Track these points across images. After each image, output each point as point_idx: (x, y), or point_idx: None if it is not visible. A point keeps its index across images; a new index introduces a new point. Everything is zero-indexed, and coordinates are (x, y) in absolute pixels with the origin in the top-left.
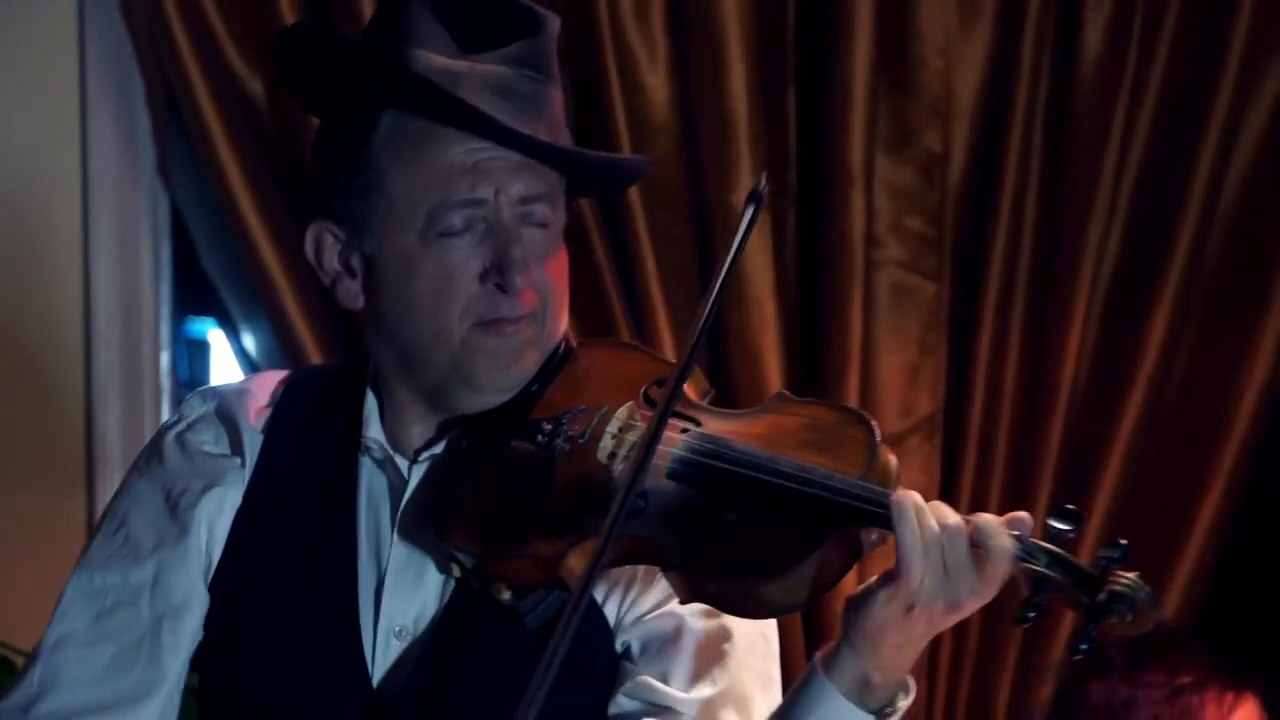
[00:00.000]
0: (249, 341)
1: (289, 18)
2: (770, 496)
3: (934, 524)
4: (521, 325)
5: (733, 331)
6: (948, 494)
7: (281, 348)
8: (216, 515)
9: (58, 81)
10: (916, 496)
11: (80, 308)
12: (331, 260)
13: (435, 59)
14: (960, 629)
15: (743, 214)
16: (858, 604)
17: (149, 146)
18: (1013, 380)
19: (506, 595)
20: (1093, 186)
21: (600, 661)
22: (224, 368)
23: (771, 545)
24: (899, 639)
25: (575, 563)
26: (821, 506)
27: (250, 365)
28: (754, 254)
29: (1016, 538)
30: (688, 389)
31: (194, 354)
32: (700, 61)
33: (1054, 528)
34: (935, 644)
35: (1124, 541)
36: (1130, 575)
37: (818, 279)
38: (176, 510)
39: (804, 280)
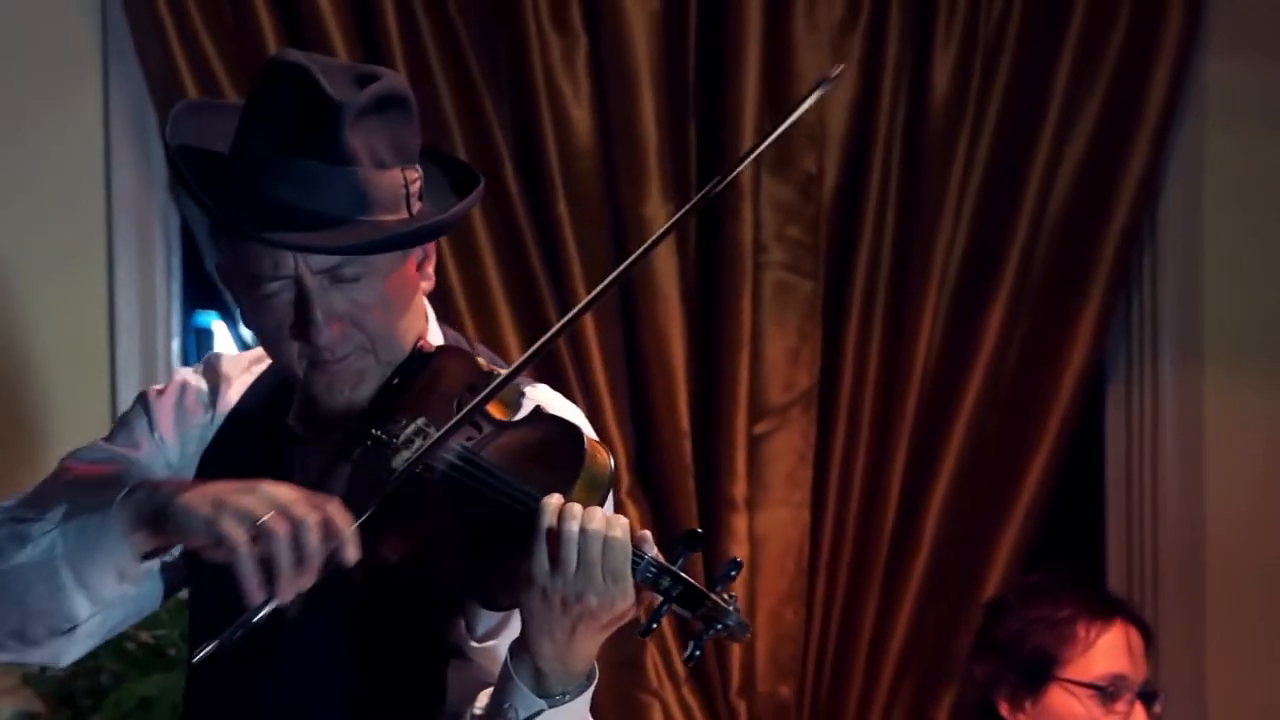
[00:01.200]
0: (244, 328)
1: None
2: (505, 496)
3: (572, 525)
4: (334, 364)
5: (644, 320)
6: (822, 455)
7: None
8: (181, 451)
9: (85, 116)
10: (559, 500)
11: (105, 302)
12: (229, 286)
13: (255, 149)
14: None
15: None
16: (524, 626)
17: (161, 170)
18: (875, 361)
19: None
20: (940, 201)
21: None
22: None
23: (507, 538)
24: (554, 632)
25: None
26: (513, 505)
27: (245, 347)
28: (661, 256)
29: (640, 557)
30: (492, 405)
31: (200, 340)
32: (616, 98)
33: (687, 544)
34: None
35: (738, 562)
36: (728, 595)
37: (714, 277)
38: (153, 429)
39: (703, 278)
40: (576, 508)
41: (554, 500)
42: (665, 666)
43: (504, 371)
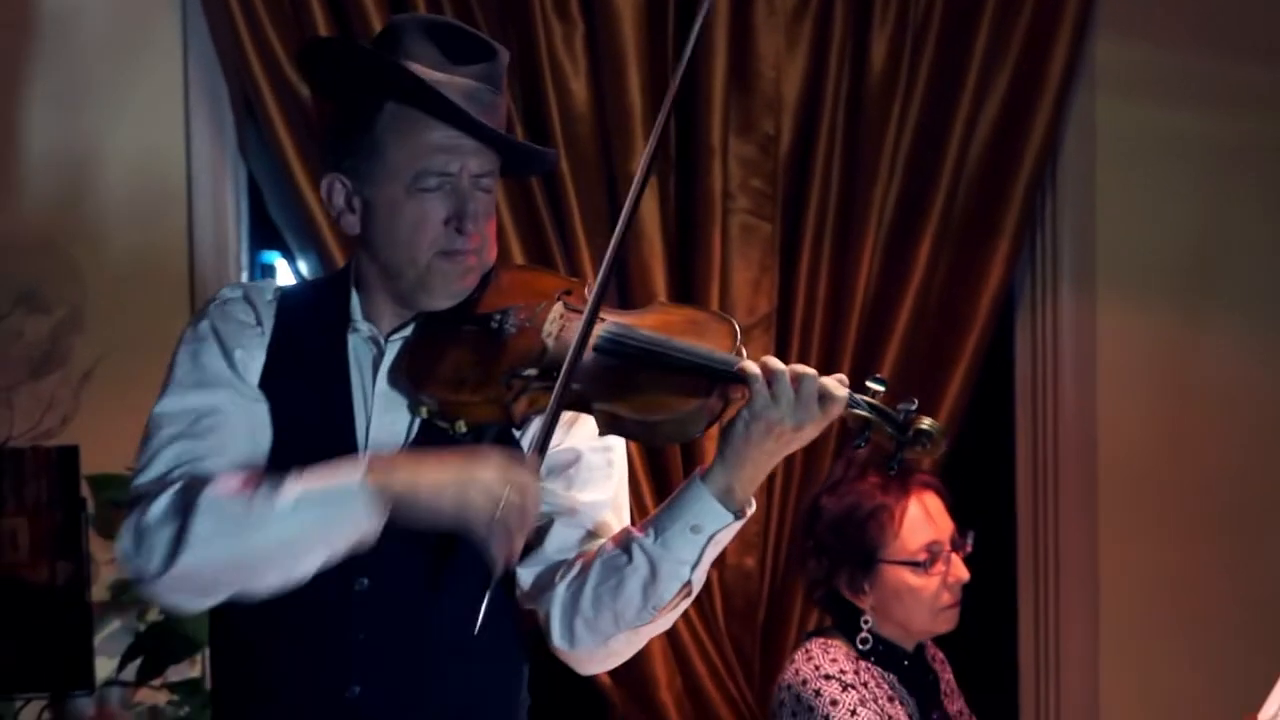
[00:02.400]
0: (301, 265)
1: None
2: (667, 363)
3: (782, 369)
4: (469, 256)
5: (631, 257)
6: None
7: (323, 269)
8: (250, 366)
9: (168, 89)
10: (764, 360)
11: (186, 244)
12: (338, 200)
13: (425, 69)
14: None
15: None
16: (731, 426)
17: (232, 132)
18: (824, 289)
19: (463, 429)
20: (877, 156)
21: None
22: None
23: (669, 396)
24: (756, 455)
25: (522, 406)
26: (702, 370)
27: (301, 279)
28: (646, 204)
29: (849, 388)
30: (589, 298)
31: (264, 274)
32: (608, 73)
33: (870, 388)
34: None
35: (915, 400)
36: (928, 419)
37: (689, 221)
38: (231, 358)
39: (681, 222)
40: (784, 371)
41: (766, 360)
42: None
43: (580, 282)
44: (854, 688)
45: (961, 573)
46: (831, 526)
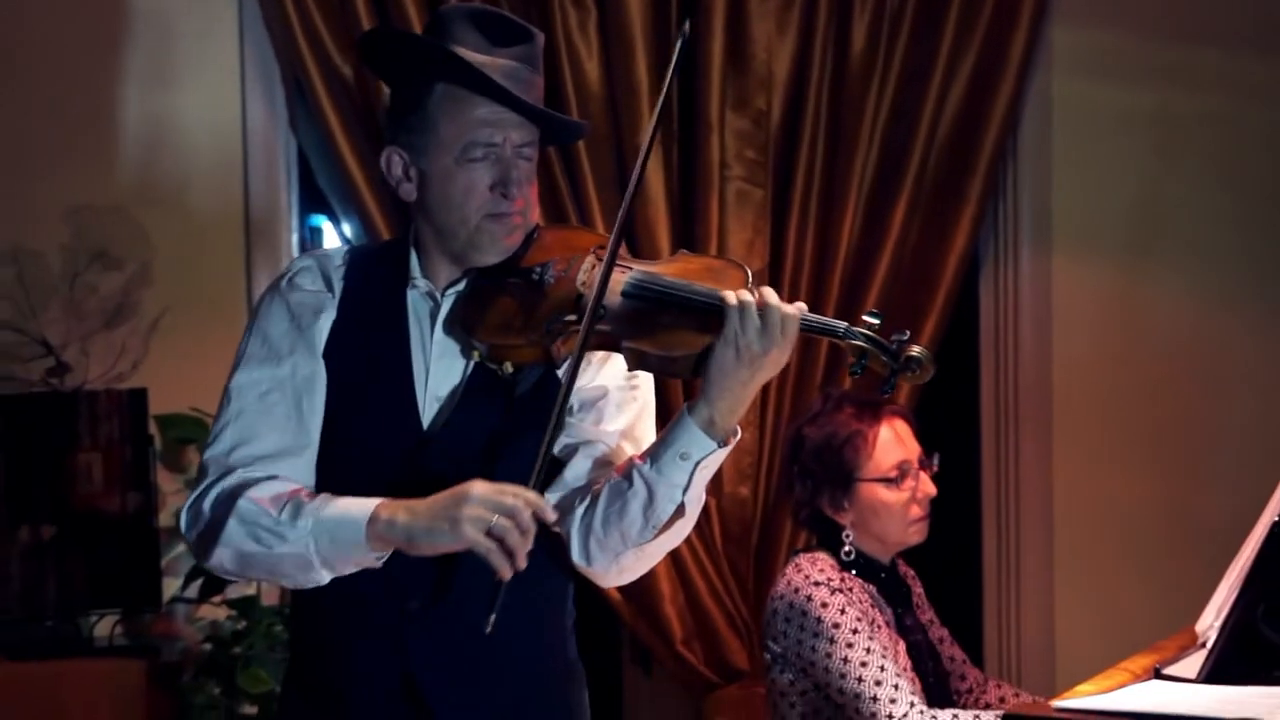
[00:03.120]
0: (345, 226)
1: (368, 24)
2: (684, 304)
3: (749, 299)
4: (514, 217)
5: (639, 219)
6: None
7: (364, 231)
8: (322, 328)
9: (227, 71)
10: (743, 292)
11: (242, 208)
12: (396, 170)
13: (470, 53)
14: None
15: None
16: (709, 358)
17: (283, 108)
18: (810, 249)
19: (509, 369)
20: (858, 129)
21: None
22: (331, 244)
23: (686, 333)
24: (732, 384)
25: (562, 347)
26: (711, 310)
27: (346, 242)
28: (651, 172)
29: (847, 321)
30: (621, 251)
31: (313, 236)
32: (618, 56)
33: (867, 321)
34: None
35: (907, 331)
36: (918, 347)
37: (691, 187)
38: (300, 327)
39: (683, 188)
40: (760, 292)
41: (739, 292)
42: None
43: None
44: (841, 592)
45: (929, 488)
46: (813, 453)
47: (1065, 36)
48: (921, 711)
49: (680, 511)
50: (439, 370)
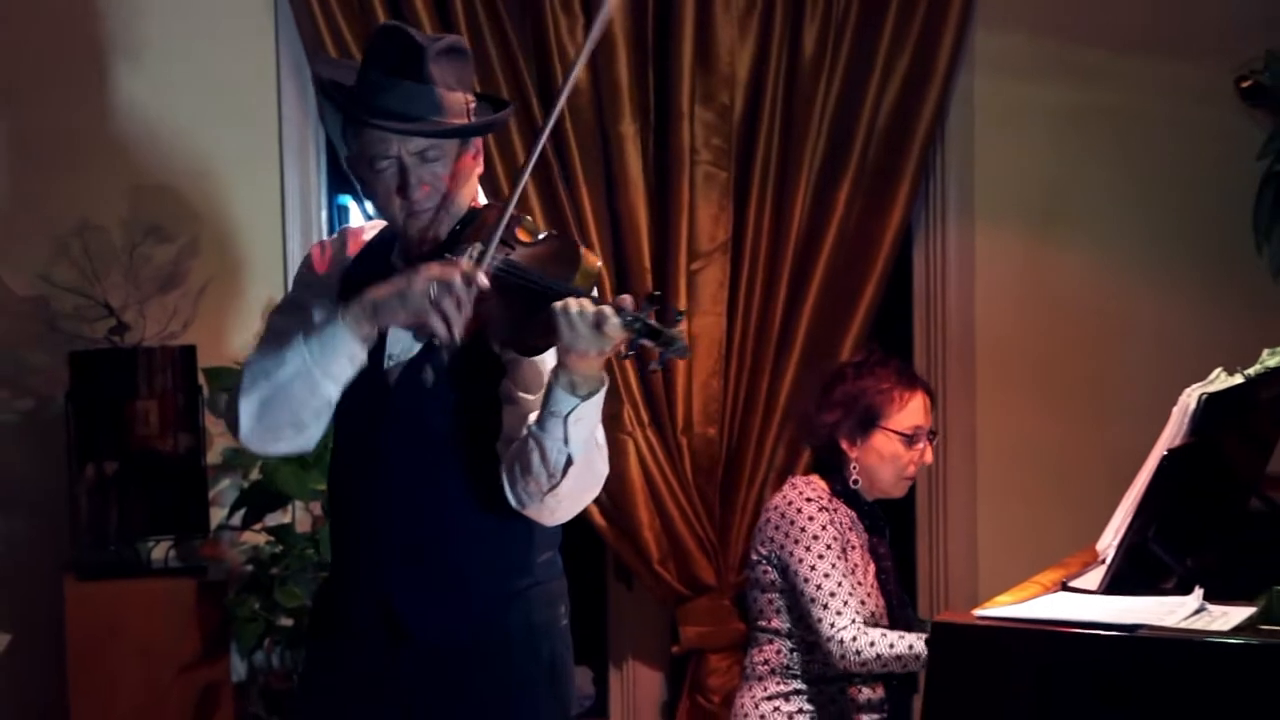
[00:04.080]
0: (367, 205)
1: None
2: (536, 289)
3: (575, 308)
4: (423, 212)
5: (620, 198)
6: (733, 283)
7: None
8: (331, 292)
9: (264, 69)
10: (574, 300)
11: (278, 188)
12: (359, 185)
13: (370, 79)
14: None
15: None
16: (558, 361)
17: (313, 102)
18: (767, 224)
19: (436, 340)
20: (808, 120)
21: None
22: (355, 221)
23: (538, 313)
24: (577, 363)
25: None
26: (549, 294)
27: (369, 217)
28: (630, 157)
29: (620, 311)
30: (519, 232)
31: (339, 213)
32: (602, 56)
33: (650, 303)
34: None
35: (682, 311)
36: (681, 330)
37: (665, 171)
38: (319, 285)
39: (658, 172)
40: (578, 301)
41: (567, 300)
42: (635, 417)
43: (517, 214)
44: (827, 510)
45: (928, 457)
46: (852, 391)
47: (986, 41)
48: (860, 628)
49: (570, 460)
50: (394, 337)
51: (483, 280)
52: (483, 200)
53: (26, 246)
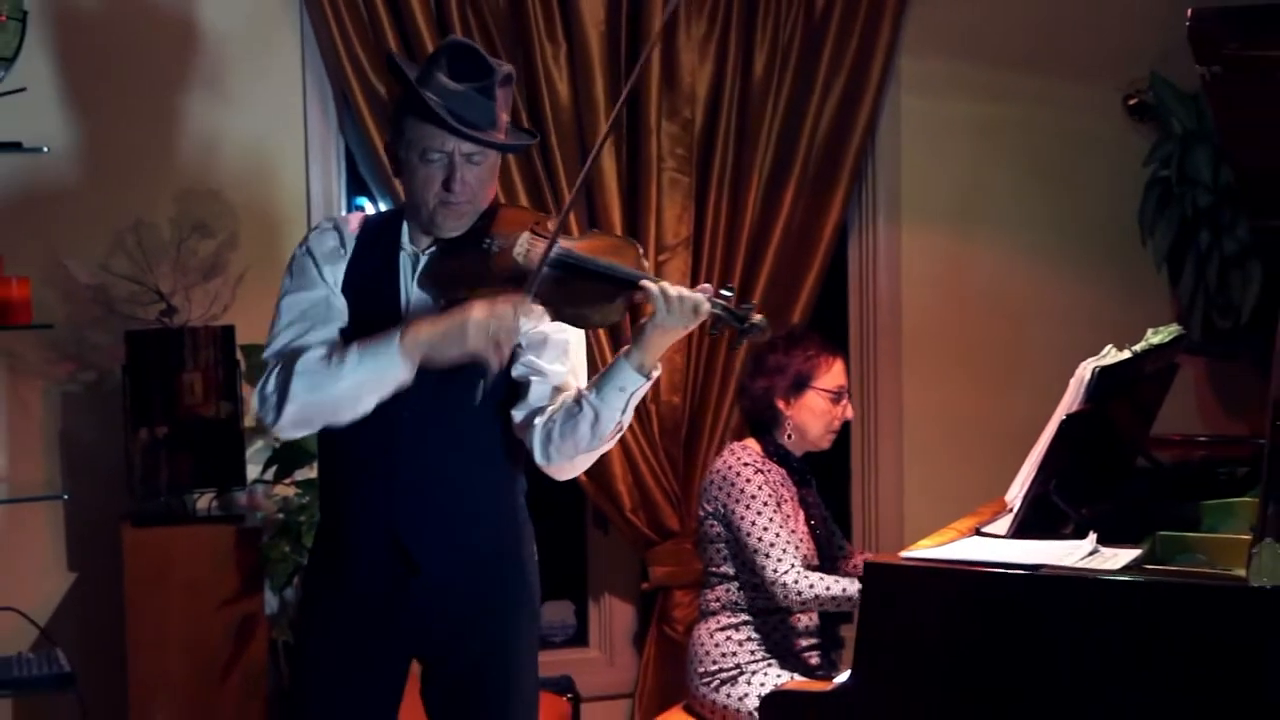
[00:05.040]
0: (381, 205)
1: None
2: (597, 274)
3: (670, 289)
4: (459, 205)
5: (598, 200)
6: (694, 271)
7: (394, 207)
8: (338, 272)
9: (291, 86)
10: (669, 285)
11: (304, 190)
12: (392, 162)
13: (438, 81)
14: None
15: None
16: (642, 327)
17: (334, 114)
18: (724, 222)
19: None
20: (759, 133)
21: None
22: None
23: (597, 295)
24: (659, 342)
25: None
26: (618, 279)
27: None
28: (606, 165)
29: (708, 298)
30: (548, 224)
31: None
32: (582, 78)
33: (724, 294)
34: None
35: (755, 301)
36: (760, 315)
37: (636, 175)
38: (320, 270)
39: (630, 176)
40: (675, 286)
41: (663, 284)
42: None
43: (547, 217)
44: (762, 472)
45: (849, 413)
46: (781, 360)
47: (910, 65)
48: (800, 572)
49: (618, 426)
50: (417, 309)
51: (536, 309)
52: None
53: (89, 241)
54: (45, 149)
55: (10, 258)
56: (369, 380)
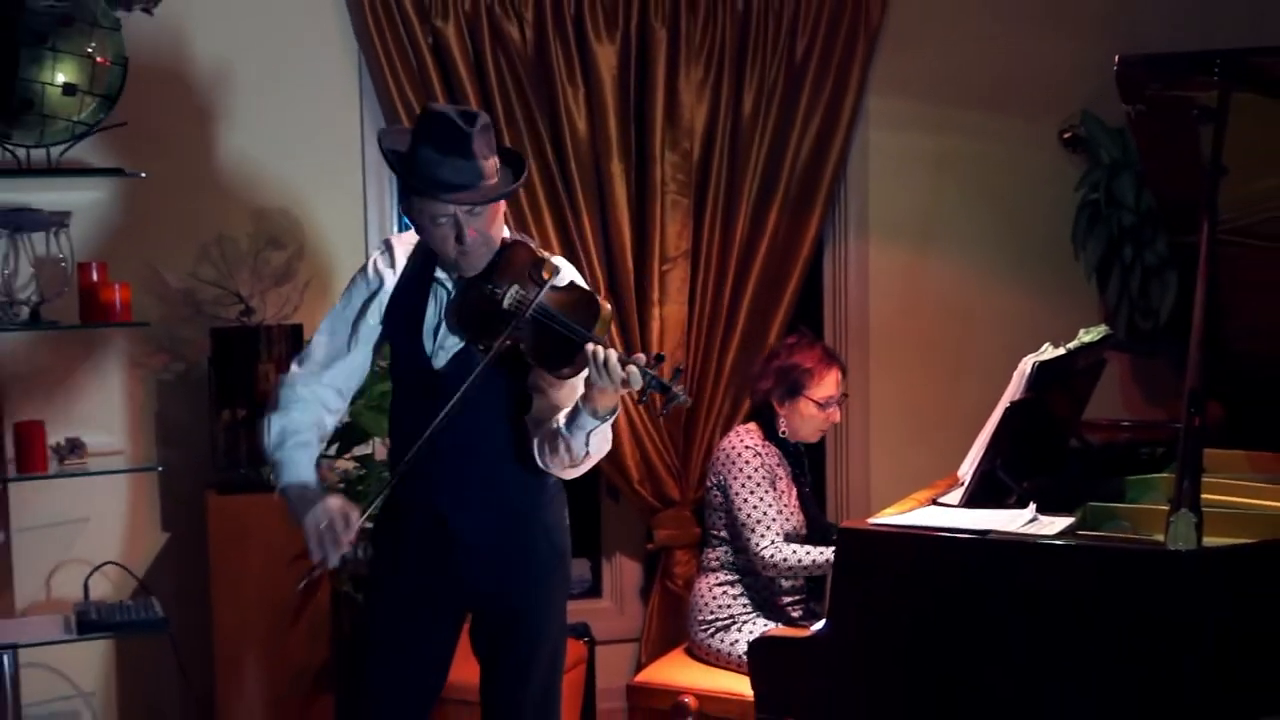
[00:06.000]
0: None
1: (440, 94)
2: (560, 328)
3: (602, 358)
4: (471, 253)
5: (610, 217)
6: (693, 280)
7: None
8: (384, 295)
9: (351, 127)
10: (600, 349)
11: (361, 213)
12: (413, 226)
13: (425, 155)
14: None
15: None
16: (588, 384)
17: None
18: (718, 237)
19: (480, 348)
20: (747, 162)
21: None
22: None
23: (560, 345)
24: (600, 398)
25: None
26: (579, 338)
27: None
28: (617, 188)
29: (641, 370)
30: (544, 272)
31: (404, 229)
32: (597, 115)
33: (652, 369)
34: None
35: (680, 368)
36: (681, 388)
37: (643, 198)
38: (366, 299)
39: (638, 198)
40: (606, 352)
41: (595, 347)
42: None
43: (545, 254)
44: (759, 454)
45: (836, 418)
46: (784, 365)
47: (876, 104)
48: (777, 546)
49: (588, 455)
50: (444, 342)
51: (352, 536)
52: (506, 233)
53: (180, 253)
54: (143, 174)
55: (114, 266)
56: (277, 475)
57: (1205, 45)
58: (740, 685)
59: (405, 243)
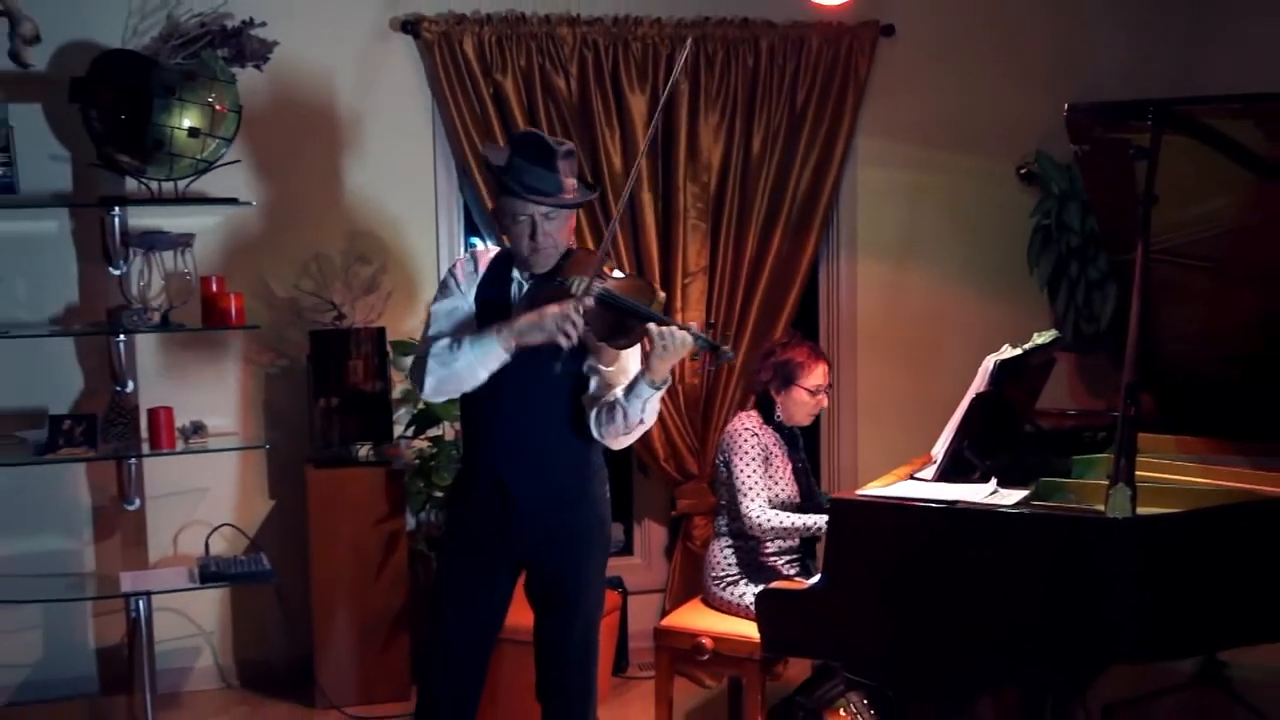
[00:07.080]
0: (489, 243)
1: (500, 136)
2: (624, 309)
3: (667, 330)
4: (546, 250)
5: (641, 239)
6: (710, 292)
7: (500, 245)
8: (471, 291)
9: (424, 159)
10: (665, 326)
11: (434, 233)
12: (498, 228)
13: (516, 164)
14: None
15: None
16: (648, 355)
17: (455, 177)
18: (730, 256)
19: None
20: (755, 191)
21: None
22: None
23: (622, 324)
24: (659, 365)
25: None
26: (640, 315)
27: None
28: (647, 213)
29: (695, 335)
30: (606, 269)
31: (471, 248)
32: (631, 151)
33: (707, 331)
34: None
35: (729, 336)
36: (728, 346)
37: (668, 222)
38: (460, 286)
39: (664, 223)
40: (668, 327)
41: (660, 326)
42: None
43: (606, 262)
44: (758, 435)
45: (824, 403)
46: (780, 360)
47: (864, 144)
48: (763, 510)
49: (641, 421)
50: (524, 327)
51: (589, 303)
52: (572, 240)
53: (285, 267)
54: (253, 203)
55: (230, 279)
56: (479, 358)
57: (1142, 94)
58: (748, 629)
59: (488, 254)
